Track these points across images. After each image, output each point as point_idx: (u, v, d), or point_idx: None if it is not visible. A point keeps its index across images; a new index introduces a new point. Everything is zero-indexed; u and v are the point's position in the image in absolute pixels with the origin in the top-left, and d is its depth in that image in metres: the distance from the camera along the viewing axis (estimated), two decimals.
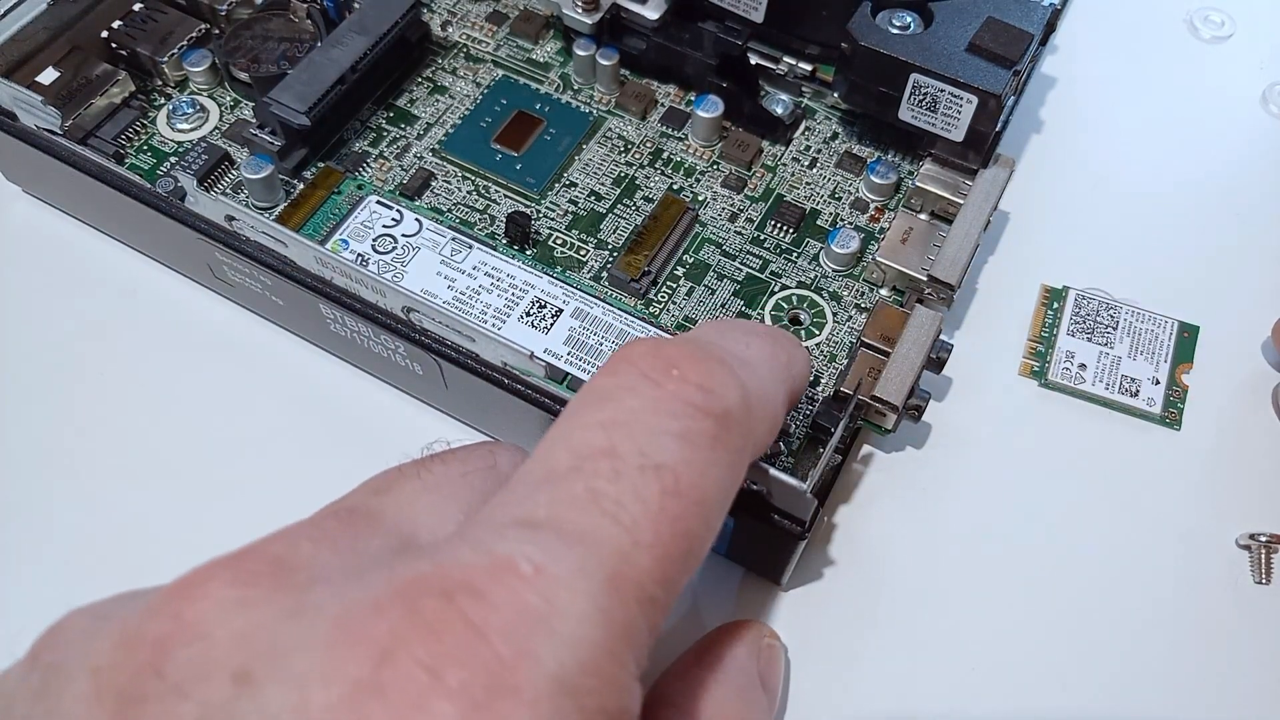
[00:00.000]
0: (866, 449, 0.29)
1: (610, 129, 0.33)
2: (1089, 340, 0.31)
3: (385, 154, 0.32)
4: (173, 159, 0.31)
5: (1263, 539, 0.27)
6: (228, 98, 0.32)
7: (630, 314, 0.28)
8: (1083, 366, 0.31)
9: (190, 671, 0.14)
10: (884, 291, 0.30)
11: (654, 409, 0.17)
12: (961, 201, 0.30)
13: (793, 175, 0.32)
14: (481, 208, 0.31)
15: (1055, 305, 0.32)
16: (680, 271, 0.30)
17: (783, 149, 0.33)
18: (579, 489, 0.16)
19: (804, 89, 0.34)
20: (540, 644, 0.14)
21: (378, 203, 0.30)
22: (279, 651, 0.14)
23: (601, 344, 0.28)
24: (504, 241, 0.30)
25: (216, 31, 0.33)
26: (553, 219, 0.31)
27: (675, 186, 0.32)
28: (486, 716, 0.13)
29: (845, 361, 0.28)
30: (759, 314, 0.29)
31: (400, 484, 0.19)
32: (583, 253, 0.30)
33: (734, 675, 0.21)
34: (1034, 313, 0.32)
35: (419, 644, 0.13)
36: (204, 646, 0.14)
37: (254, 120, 0.31)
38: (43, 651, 0.15)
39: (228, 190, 0.30)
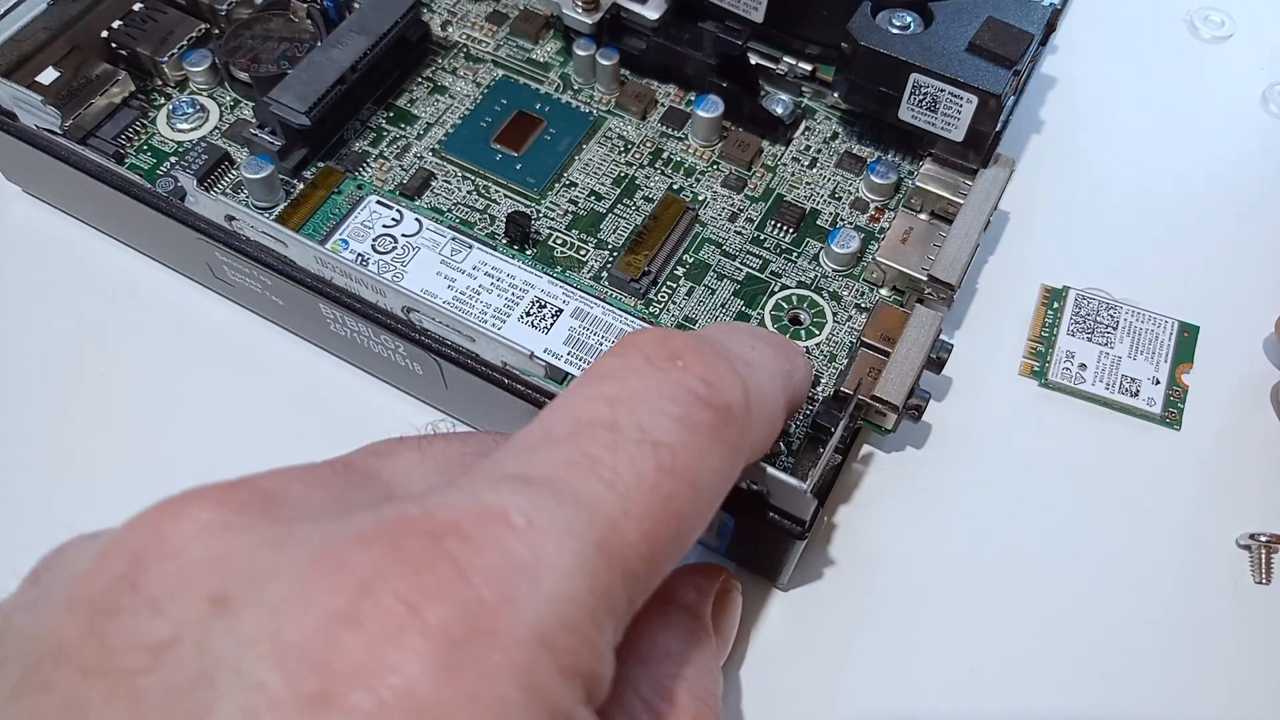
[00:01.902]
0: (866, 449, 0.29)
1: (610, 129, 0.33)
2: (1089, 340, 0.31)
3: (385, 154, 0.32)
4: (173, 159, 0.31)
5: (1263, 539, 0.27)
6: (228, 98, 0.32)
7: (630, 314, 0.28)
8: (1083, 366, 0.31)
9: (165, 588, 0.14)
10: (884, 291, 0.30)
11: (656, 391, 0.17)
12: (961, 201, 0.30)
13: (793, 175, 0.32)
14: (481, 208, 0.31)
15: (1055, 305, 0.32)
16: (680, 271, 0.30)
17: (783, 149, 0.33)
18: (576, 452, 0.16)
19: (804, 89, 0.34)
20: (524, 593, 0.14)
21: (378, 203, 0.30)
22: (257, 578, 0.13)
23: (601, 344, 0.28)
24: (504, 241, 0.30)
25: (216, 31, 0.33)
26: (553, 219, 0.31)
27: (675, 186, 0.32)
28: (462, 657, 0.13)
29: (845, 361, 0.28)
30: (759, 314, 0.29)
31: (400, 451, 0.18)
32: (583, 253, 0.30)
33: (681, 616, 0.20)
34: (1034, 313, 0.32)
35: (400, 578, 0.13)
36: (180, 564, 0.14)
37: (254, 120, 0.31)
38: (41, 570, 0.15)
39: (228, 190, 0.30)
